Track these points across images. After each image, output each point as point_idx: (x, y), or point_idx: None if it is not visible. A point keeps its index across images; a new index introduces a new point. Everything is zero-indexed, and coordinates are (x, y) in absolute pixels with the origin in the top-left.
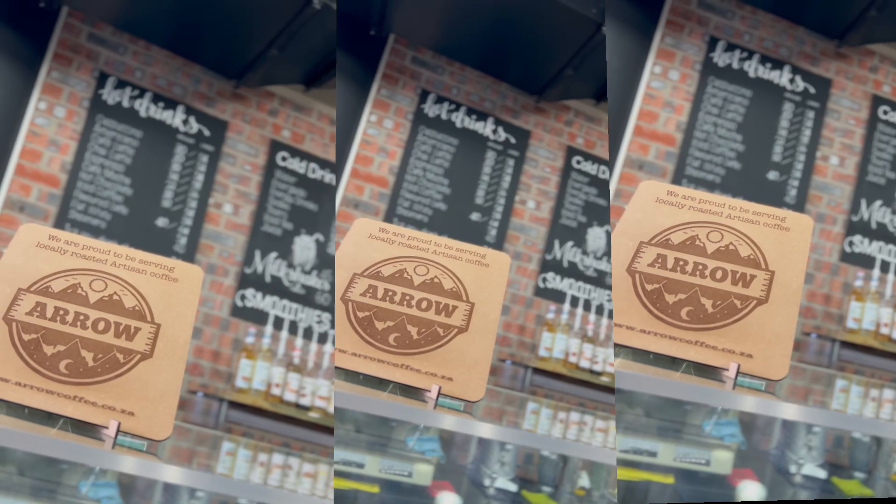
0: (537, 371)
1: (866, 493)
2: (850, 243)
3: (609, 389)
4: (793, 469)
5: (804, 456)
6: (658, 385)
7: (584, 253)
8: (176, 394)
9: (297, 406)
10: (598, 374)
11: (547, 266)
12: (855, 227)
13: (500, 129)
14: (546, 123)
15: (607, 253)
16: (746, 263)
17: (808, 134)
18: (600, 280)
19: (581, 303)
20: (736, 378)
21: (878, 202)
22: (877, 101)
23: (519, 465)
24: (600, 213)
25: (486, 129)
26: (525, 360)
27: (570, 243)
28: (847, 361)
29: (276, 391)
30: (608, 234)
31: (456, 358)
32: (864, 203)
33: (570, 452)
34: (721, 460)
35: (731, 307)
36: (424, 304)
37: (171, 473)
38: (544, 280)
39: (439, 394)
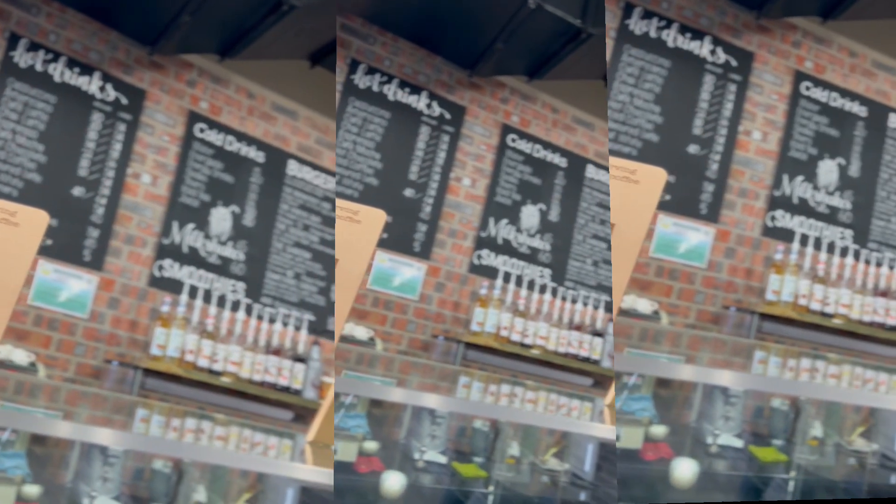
0: (470, 346)
1: (781, 458)
2: (773, 218)
3: (539, 362)
4: (709, 440)
5: (721, 427)
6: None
7: (518, 230)
8: None
9: (210, 372)
10: (529, 346)
11: (482, 243)
12: (777, 202)
13: (435, 104)
14: (481, 100)
15: (540, 230)
16: None
17: (730, 107)
18: (533, 257)
19: (513, 278)
20: None
21: (800, 178)
22: (799, 76)
23: (451, 438)
24: (534, 192)
25: (419, 103)
26: (459, 335)
27: (504, 221)
28: (767, 333)
29: (189, 358)
30: (541, 212)
31: None
32: (786, 178)
33: (502, 417)
34: (631, 435)
35: None
36: None
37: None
38: (479, 257)
39: None
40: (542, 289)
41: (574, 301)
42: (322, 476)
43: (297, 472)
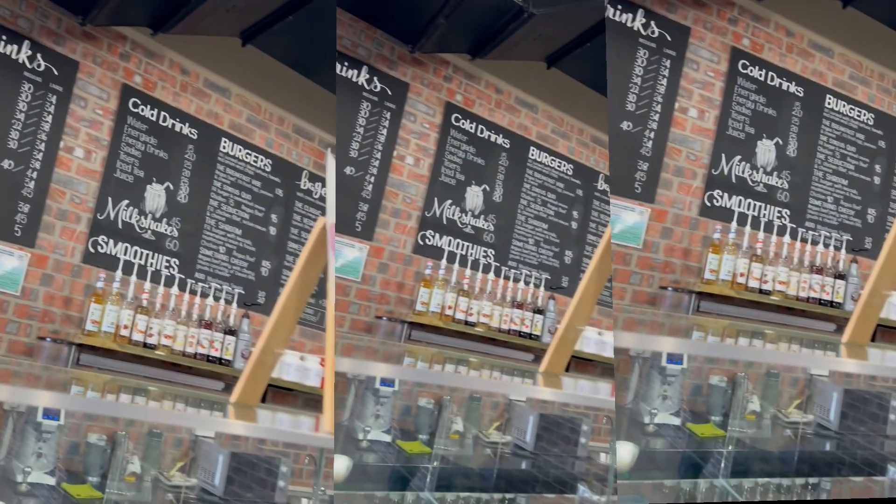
0: (414, 325)
1: (720, 434)
2: (711, 198)
3: (482, 339)
4: (646, 420)
5: (658, 406)
6: None
7: (463, 211)
8: None
9: (145, 345)
10: (473, 325)
11: (426, 223)
12: (715, 182)
13: (376, 80)
14: (424, 77)
15: (485, 211)
16: None
17: (665, 84)
18: (477, 237)
19: (458, 258)
20: None
21: (738, 157)
22: (736, 53)
23: (396, 417)
24: (478, 172)
25: (360, 78)
26: (402, 315)
27: (448, 201)
28: (705, 312)
29: (124, 332)
30: (485, 192)
31: None
32: (724, 157)
33: (456, 384)
34: None
35: None
36: None
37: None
38: (423, 238)
39: None
40: (486, 268)
41: (516, 280)
42: (251, 430)
43: (228, 428)
